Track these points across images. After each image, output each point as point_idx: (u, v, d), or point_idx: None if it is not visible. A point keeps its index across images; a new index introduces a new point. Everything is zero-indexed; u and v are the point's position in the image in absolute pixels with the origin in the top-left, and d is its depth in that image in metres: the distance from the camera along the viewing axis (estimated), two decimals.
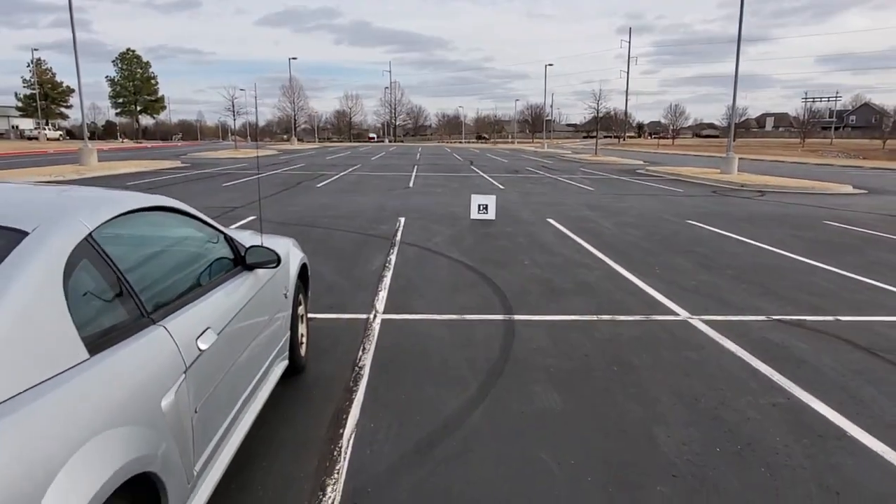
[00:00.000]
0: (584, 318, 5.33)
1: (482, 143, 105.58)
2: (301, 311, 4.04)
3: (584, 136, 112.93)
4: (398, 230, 9.95)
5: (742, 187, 19.85)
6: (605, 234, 9.99)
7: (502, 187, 18.93)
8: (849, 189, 19.88)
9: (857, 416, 3.51)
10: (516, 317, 5.31)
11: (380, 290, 6.09)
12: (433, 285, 6.38)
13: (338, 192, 16.37)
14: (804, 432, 3.32)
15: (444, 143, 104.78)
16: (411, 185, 19.47)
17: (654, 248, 8.79)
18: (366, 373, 4.01)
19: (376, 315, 5.28)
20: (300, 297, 4.01)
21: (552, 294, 6.11)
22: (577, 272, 7.12)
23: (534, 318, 5.28)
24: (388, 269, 7.04)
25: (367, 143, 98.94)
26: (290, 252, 3.87)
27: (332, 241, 8.91)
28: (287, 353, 3.59)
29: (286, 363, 3.56)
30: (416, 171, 26.48)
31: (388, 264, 7.32)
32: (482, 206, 11.43)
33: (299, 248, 4.20)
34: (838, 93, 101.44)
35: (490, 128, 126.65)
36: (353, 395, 3.67)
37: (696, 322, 5.24)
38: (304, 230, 9.72)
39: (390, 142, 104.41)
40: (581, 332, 4.95)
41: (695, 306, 5.71)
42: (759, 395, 3.78)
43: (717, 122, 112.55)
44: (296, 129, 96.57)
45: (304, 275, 4.20)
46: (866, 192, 19.46)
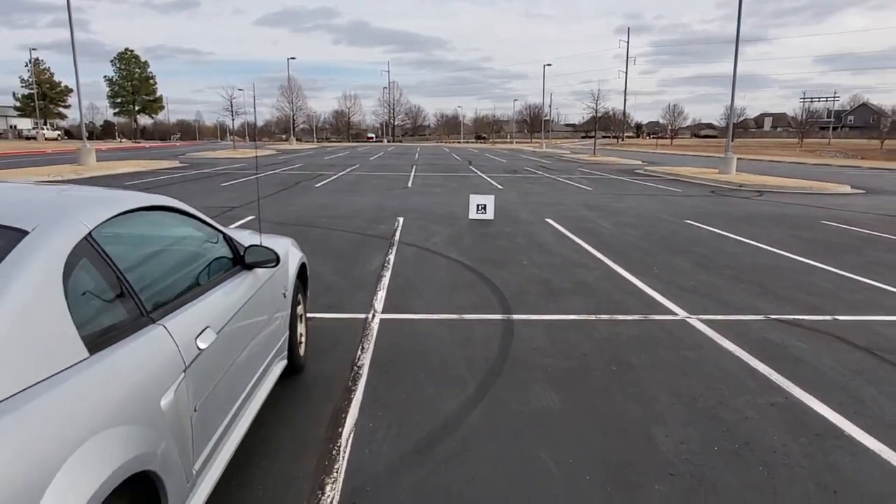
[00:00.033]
0: (583, 317, 5.33)
1: (481, 143, 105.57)
2: (300, 310, 4.04)
3: (583, 136, 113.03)
4: (397, 230, 9.95)
5: (740, 187, 19.89)
6: (604, 233, 10.00)
7: (501, 187, 18.94)
8: (847, 189, 19.93)
9: (854, 415, 3.52)
10: (515, 316, 5.31)
11: (378, 290, 6.09)
12: (432, 285, 6.38)
13: (336, 192, 16.36)
14: (802, 431, 3.32)
15: (442, 143, 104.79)
16: (410, 185, 19.48)
17: (653, 247, 8.80)
18: (365, 372, 4.02)
19: (375, 315, 5.28)
20: (299, 296, 4.01)
21: (551, 294, 6.11)
22: (576, 272, 7.12)
23: (532, 318, 5.28)
24: (387, 269, 7.04)
25: (365, 143, 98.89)
26: (289, 252, 3.87)
27: (330, 240, 8.91)
28: (286, 352, 3.60)
29: (285, 363, 3.56)
30: (414, 170, 26.49)
31: (386, 264, 7.33)
32: (481, 206, 11.44)
33: (298, 248, 4.20)
34: (836, 93, 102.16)
35: (489, 128, 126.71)
36: (352, 395, 3.67)
37: (695, 322, 5.25)
38: (303, 230, 9.72)
39: (389, 142, 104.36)
40: (580, 331, 4.95)
41: (693, 306, 5.72)
42: (757, 395, 3.78)
43: (716, 123, 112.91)
44: (294, 130, 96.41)
45: (302, 274, 4.20)
46: (864, 192, 19.50)
